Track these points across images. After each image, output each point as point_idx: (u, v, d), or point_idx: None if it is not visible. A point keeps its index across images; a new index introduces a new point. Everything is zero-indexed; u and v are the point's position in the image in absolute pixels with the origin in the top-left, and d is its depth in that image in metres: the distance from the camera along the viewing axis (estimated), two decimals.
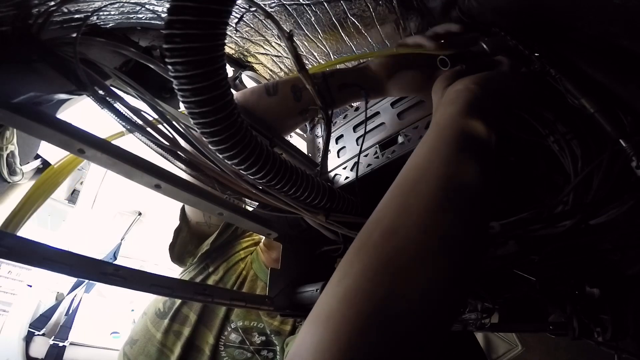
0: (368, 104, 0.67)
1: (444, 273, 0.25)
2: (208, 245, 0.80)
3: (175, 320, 0.72)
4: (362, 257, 0.26)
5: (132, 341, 0.73)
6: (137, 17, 0.52)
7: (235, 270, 0.81)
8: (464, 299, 0.31)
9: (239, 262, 0.83)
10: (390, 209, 0.29)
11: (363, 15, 0.55)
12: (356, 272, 0.25)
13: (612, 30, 0.37)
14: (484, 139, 0.32)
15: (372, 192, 0.60)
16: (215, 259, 0.82)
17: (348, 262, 0.26)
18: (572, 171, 0.43)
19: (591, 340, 0.54)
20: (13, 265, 1.93)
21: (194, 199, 0.44)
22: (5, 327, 1.72)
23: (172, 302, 0.74)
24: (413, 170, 0.31)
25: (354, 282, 0.24)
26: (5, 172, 0.52)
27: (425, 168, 0.30)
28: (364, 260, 0.25)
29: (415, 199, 0.28)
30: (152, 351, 0.69)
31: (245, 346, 0.72)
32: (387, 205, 0.29)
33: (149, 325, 0.73)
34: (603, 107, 0.36)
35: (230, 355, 0.71)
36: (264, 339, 0.74)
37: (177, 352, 0.69)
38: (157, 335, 0.70)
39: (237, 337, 0.72)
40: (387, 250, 0.25)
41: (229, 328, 0.73)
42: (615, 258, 0.52)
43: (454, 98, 0.35)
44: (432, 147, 0.31)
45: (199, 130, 0.35)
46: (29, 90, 0.39)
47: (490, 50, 0.44)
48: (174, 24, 0.29)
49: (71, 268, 0.36)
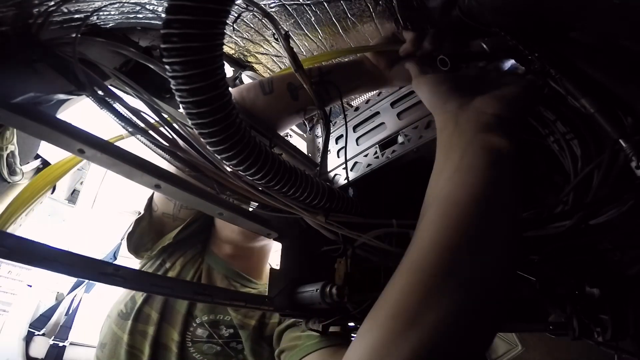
0: (368, 103, 0.67)
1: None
2: (170, 239, 0.79)
3: (139, 320, 0.71)
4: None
5: (101, 345, 0.72)
6: (137, 17, 0.52)
7: (193, 264, 0.80)
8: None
9: (197, 255, 0.82)
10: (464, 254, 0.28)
11: (363, 15, 0.54)
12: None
13: (612, 30, 0.37)
14: (515, 159, 0.33)
15: (372, 192, 0.60)
16: (172, 254, 0.81)
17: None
18: (572, 171, 0.43)
19: (591, 340, 0.54)
20: (13, 265, 1.93)
21: (194, 199, 0.44)
22: (5, 327, 1.72)
23: (133, 303, 0.73)
24: (476, 203, 0.30)
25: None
26: (5, 172, 0.52)
27: (488, 197, 0.30)
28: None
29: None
30: (122, 354, 0.68)
31: (214, 340, 0.72)
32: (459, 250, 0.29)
33: (114, 327, 0.72)
34: (603, 107, 0.36)
35: (199, 350, 0.70)
36: (232, 331, 0.73)
37: (147, 352, 0.68)
38: (124, 337, 0.69)
39: (204, 332, 0.72)
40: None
41: (194, 324, 0.72)
42: (615, 258, 0.52)
43: (489, 123, 0.34)
44: (489, 178, 0.31)
45: (197, 130, 0.35)
46: (28, 90, 0.39)
47: (490, 50, 0.44)
48: (172, 24, 0.29)
49: (71, 268, 0.36)
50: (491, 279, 0.27)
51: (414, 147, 0.53)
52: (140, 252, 0.82)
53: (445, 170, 0.33)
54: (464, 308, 0.26)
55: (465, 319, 0.26)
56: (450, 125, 0.36)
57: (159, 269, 0.79)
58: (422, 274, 0.28)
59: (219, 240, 0.85)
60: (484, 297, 0.27)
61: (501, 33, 0.44)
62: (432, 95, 0.41)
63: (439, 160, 0.35)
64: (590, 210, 0.41)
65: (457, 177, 0.31)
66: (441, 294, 0.26)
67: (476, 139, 0.33)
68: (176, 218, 0.82)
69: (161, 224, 0.82)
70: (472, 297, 0.26)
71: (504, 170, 0.31)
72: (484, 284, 0.27)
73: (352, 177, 0.59)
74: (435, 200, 0.32)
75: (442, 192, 0.32)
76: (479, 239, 0.28)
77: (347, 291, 0.47)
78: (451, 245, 0.28)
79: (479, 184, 0.30)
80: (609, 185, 0.39)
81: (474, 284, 0.27)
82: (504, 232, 0.29)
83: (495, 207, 0.30)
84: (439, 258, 0.28)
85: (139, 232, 0.81)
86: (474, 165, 0.31)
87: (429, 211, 0.32)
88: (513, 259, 0.30)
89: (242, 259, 0.84)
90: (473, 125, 0.34)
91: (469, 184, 0.30)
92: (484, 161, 0.31)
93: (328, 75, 0.54)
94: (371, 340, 0.27)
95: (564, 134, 0.44)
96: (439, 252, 0.28)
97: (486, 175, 0.30)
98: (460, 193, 0.30)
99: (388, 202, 0.61)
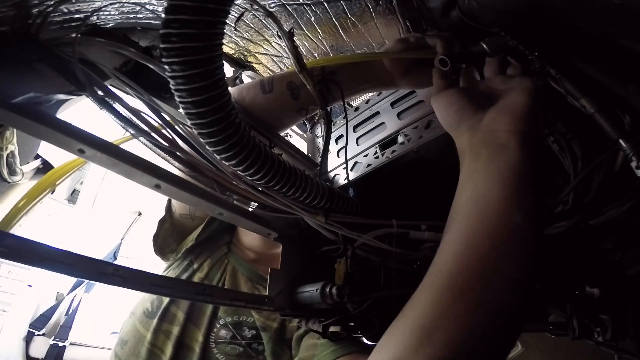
0: (368, 103, 0.67)
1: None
2: (193, 241, 0.80)
3: (165, 320, 0.72)
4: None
5: (122, 342, 0.73)
6: (137, 17, 0.52)
7: (220, 266, 0.81)
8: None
9: (223, 257, 0.83)
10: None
11: (363, 15, 0.54)
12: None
13: (612, 30, 0.37)
14: (532, 172, 0.33)
15: (372, 192, 0.60)
16: (199, 255, 0.82)
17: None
18: (572, 171, 0.43)
19: (591, 340, 0.54)
20: (13, 265, 1.93)
21: (194, 199, 0.44)
22: (5, 327, 1.72)
23: (160, 302, 0.74)
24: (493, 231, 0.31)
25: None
26: (5, 172, 0.52)
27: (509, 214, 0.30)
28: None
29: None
30: (142, 352, 0.68)
31: (237, 341, 0.72)
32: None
33: (138, 325, 0.73)
34: (603, 107, 0.36)
35: (222, 351, 0.71)
36: (255, 333, 0.74)
37: (169, 352, 0.68)
38: (147, 336, 0.70)
39: (227, 333, 0.73)
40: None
41: (217, 325, 0.73)
42: (615, 258, 0.52)
43: (501, 144, 0.33)
44: (506, 200, 0.31)
45: (197, 131, 0.35)
46: (28, 90, 0.39)
47: (490, 51, 0.44)
48: (171, 24, 0.29)
49: (71, 268, 0.36)
50: (506, 301, 0.28)
51: (414, 147, 0.53)
52: (166, 253, 0.83)
53: (466, 190, 0.34)
54: (476, 328, 0.27)
55: (477, 340, 0.27)
56: (466, 149, 0.36)
57: (186, 270, 0.80)
58: (439, 293, 0.29)
59: (242, 244, 0.86)
60: (497, 319, 0.28)
61: (501, 33, 0.44)
62: (445, 117, 0.40)
63: (461, 179, 0.35)
64: (590, 211, 0.41)
65: (477, 199, 0.32)
66: (455, 313, 0.27)
67: (492, 163, 0.33)
68: (194, 217, 0.82)
69: (182, 225, 0.83)
70: (485, 318, 0.27)
71: (522, 186, 0.31)
72: (498, 305, 0.28)
73: (352, 177, 0.59)
74: (455, 221, 0.33)
75: (463, 213, 0.32)
76: (494, 264, 0.29)
77: (347, 291, 0.47)
78: (466, 269, 0.29)
79: (499, 207, 0.31)
80: (609, 185, 0.39)
81: (487, 305, 0.28)
82: (519, 258, 0.29)
83: (514, 229, 0.30)
84: (453, 280, 0.29)
85: (163, 234, 0.81)
86: (493, 188, 0.32)
87: (450, 229, 0.33)
88: (529, 282, 0.30)
89: (265, 263, 0.84)
90: (488, 150, 0.34)
91: (489, 206, 0.31)
92: (501, 183, 0.32)
93: (332, 75, 0.53)
94: (387, 355, 0.29)
95: (564, 134, 0.44)
96: (454, 275, 0.29)
97: (504, 196, 0.31)
98: (480, 215, 0.31)
99: (388, 202, 0.61)
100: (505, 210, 0.30)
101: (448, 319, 0.27)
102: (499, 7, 0.42)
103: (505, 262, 0.29)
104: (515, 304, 0.29)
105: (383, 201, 0.60)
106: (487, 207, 0.31)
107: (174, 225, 0.82)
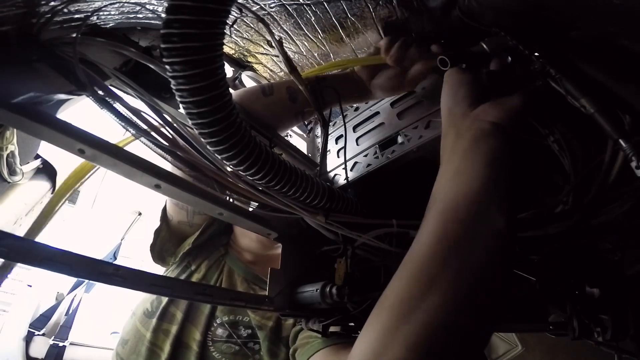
0: (368, 103, 0.67)
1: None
2: (190, 245, 0.82)
3: (164, 319, 0.74)
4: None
5: (123, 341, 0.75)
6: (137, 17, 0.52)
7: (217, 267, 0.83)
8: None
9: (220, 258, 0.85)
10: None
11: (363, 16, 0.54)
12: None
13: (612, 30, 0.37)
14: (509, 160, 0.34)
15: (372, 192, 0.60)
16: (196, 257, 0.84)
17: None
18: (572, 171, 0.43)
19: (591, 340, 0.54)
20: (13, 265, 1.93)
21: (194, 199, 0.44)
22: (5, 327, 1.72)
23: (159, 302, 0.76)
24: (469, 204, 0.32)
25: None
26: (5, 172, 0.52)
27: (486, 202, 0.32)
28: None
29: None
30: (142, 350, 0.70)
31: (233, 340, 0.74)
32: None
33: (138, 325, 0.75)
34: (603, 107, 0.36)
35: (219, 349, 0.73)
36: (250, 332, 0.76)
37: (167, 350, 0.70)
38: (147, 335, 0.72)
39: (224, 332, 0.74)
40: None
41: (214, 324, 0.75)
42: (615, 258, 0.52)
43: (486, 130, 0.35)
44: (484, 178, 0.33)
45: (197, 130, 0.35)
46: (29, 90, 0.39)
47: (490, 51, 0.44)
48: (172, 24, 0.29)
49: (71, 268, 0.36)
50: (485, 270, 0.29)
51: (414, 147, 0.53)
52: (165, 258, 0.85)
53: (446, 172, 0.35)
54: (458, 297, 0.28)
55: (460, 308, 0.28)
56: (452, 131, 0.38)
57: (184, 271, 0.82)
58: (420, 266, 0.30)
59: (238, 247, 0.88)
60: (477, 287, 0.29)
61: (501, 33, 0.44)
62: (448, 94, 0.41)
63: (442, 163, 0.37)
64: (590, 211, 0.41)
65: (456, 179, 0.34)
66: (436, 284, 0.28)
67: (473, 145, 0.35)
68: (192, 224, 0.85)
69: (180, 232, 0.85)
70: (465, 287, 0.28)
71: (499, 169, 0.33)
72: (478, 274, 0.29)
73: (352, 177, 0.59)
74: (435, 200, 0.34)
75: (441, 192, 0.34)
76: (471, 233, 0.30)
77: (347, 291, 0.47)
78: (445, 240, 0.30)
79: (475, 184, 0.32)
80: (609, 185, 0.39)
81: (467, 273, 0.29)
82: (495, 227, 0.30)
83: (488, 204, 0.31)
84: (434, 252, 0.30)
85: (160, 243, 0.84)
86: (471, 167, 0.33)
87: (430, 210, 0.34)
88: (506, 254, 0.31)
89: (262, 264, 0.86)
90: (472, 133, 0.36)
91: (465, 184, 0.33)
92: (480, 164, 0.33)
93: (323, 82, 0.57)
94: (374, 329, 0.30)
95: (564, 134, 0.44)
96: (435, 247, 0.30)
97: (481, 174, 0.33)
98: (457, 192, 0.33)
99: (388, 202, 0.61)
100: (479, 188, 0.32)
101: (429, 288, 0.28)
102: (499, 7, 0.42)
103: (477, 234, 0.30)
104: (490, 276, 0.30)
105: (383, 201, 0.60)
106: (465, 184, 0.33)
107: (171, 233, 0.84)
